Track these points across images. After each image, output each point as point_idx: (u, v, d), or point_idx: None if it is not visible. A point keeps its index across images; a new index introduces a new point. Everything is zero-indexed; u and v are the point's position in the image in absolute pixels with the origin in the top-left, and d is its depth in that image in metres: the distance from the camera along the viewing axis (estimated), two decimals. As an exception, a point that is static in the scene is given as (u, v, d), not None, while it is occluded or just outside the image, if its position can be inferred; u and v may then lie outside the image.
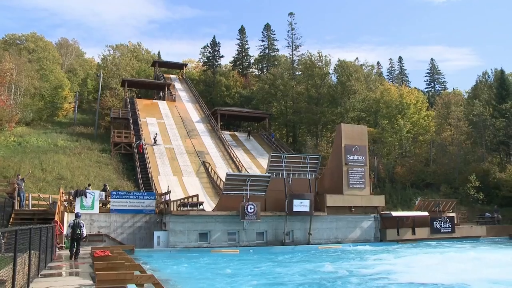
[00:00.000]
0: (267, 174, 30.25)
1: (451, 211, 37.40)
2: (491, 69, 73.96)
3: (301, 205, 29.24)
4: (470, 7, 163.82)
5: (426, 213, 34.97)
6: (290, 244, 29.14)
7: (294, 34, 69.47)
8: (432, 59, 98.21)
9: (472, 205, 45.36)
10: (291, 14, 70.06)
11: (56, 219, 22.59)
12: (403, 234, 33.26)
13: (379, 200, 34.09)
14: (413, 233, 33.64)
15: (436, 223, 34.75)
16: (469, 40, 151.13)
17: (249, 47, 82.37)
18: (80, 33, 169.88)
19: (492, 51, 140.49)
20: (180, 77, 75.56)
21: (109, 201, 28.06)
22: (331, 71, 60.56)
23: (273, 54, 79.62)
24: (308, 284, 15.10)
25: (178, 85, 70.16)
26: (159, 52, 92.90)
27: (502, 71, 63.27)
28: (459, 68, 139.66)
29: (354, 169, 33.08)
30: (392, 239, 32.64)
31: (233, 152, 47.79)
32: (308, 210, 29.40)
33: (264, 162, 43.15)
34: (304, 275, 16.80)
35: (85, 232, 17.48)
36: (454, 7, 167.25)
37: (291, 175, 31.18)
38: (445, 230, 34.97)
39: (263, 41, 79.64)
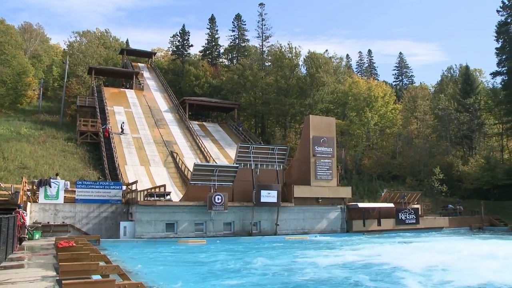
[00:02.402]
0: (235, 165, 30.26)
1: (416, 202, 38.19)
2: (456, 65, 75.65)
3: (269, 196, 29.38)
4: (437, 3, 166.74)
5: (391, 205, 35.63)
6: (258, 235, 29.29)
7: (264, 25, 69.55)
8: (400, 53, 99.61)
9: (436, 197, 46.41)
10: (261, 4, 70.02)
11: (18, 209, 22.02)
12: (369, 225, 33.83)
13: (346, 192, 34.51)
14: (379, 224, 34.26)
15: (401, 215, 35.44)
16: (436, 36, 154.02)
17: (219, 37, 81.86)
18: (44, 19, 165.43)
19: (458, 47, 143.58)
20: (149, 65, 74.57)
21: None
22: (300, 63, 60.77)
23: (243, 44, 79.34)
24: (271, 274, 15.15)
25: (146, 74, 69.25)
26: (127, 40, 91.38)
27: (467, 67, 64.70)
28: (426, 63, 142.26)
29: (322, 160, 33.36)
30: (358, 230, 33.16)
31: (201, 142, 47.57)
32: (276, 201, 29.57)
33: (232, 152, 43.08)
34: (268, 266, 16.83)
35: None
36: (422, 3, 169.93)
37: (259, 165, 31.29)
38: (409, 221, 35.71)
39: (233, 31, 79.33)
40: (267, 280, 14.23)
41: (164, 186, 30.30)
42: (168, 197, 29.09)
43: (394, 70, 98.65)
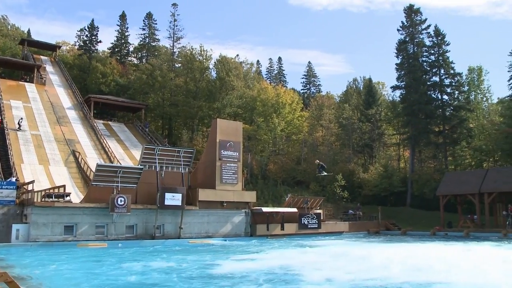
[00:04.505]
0: (139, 166, 29.75)
1: (318, 208, 39.61)
2: (360, 77, 79.45)
3: (173, 198, 29.16)
4: (344, 17, 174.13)
5: (295, 210, 36.65)
6: (161, 238, 28.97)
7: (176, 26, 68.80)
8: (309, 62, 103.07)
9: (338, 203, 48.41)
10: (174, 5, 69.22)
11: None
12: (273, 229, 34.58)
13: (250, 196, 35.04)
14: (282, 228, 35.11)
15: (304, 219, 36.59)
16: (342, 48, 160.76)
17: (129, 35, 79.75)
18: None
19: (362, 60, 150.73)
20: (53, 59, 70.92)
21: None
22: (211, 66, 60.89)
23: (153, 44, 77.93)
24: (170, 279, 14.92)
25: (49, 68, 65.79)
26: (28, 30, 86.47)
27: (370, 80, 68.35)
28: (333, 73, 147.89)
29: (228, 164, 33.66)
30: (262, 234, 33.78)
31: (105, 142, 46.14)
32: (180, 204, 29.41)
33: (137, 153, 42.24)
34: (164, 270, 16.59)
35: None
36: (330, 16, 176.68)
37: (164, 168, 30.96)
38: (312, 226, 36.96)
39: (144, 29, 77.69)
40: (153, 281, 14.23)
41: (64, 186, 29.12)
42: (67, 198, 27.95)
43: (302, 78, 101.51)
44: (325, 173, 33.87)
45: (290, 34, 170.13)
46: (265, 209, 35.28)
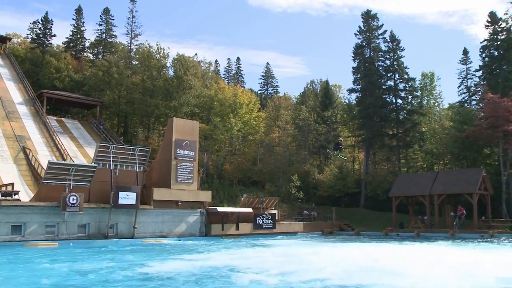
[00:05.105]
0: (93, 164, 29.17)
1: (273, 208, 39.87)
2: (317, 79, 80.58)
3: (127, 197, 28.74)
4: (303, 20, 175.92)
5: (250, 210, 36.77)
6: (114, 238, 28.48)
7: (134, 22, 67.78)
8: (268, 63, 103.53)
9: (293, 203, 48.88)
10: (133, 1, 68.18)
11: None
12: (228, 229, 34.55)
13: (206, 196, 34.92)
14: (237, 228, 35.15)
15: (259, 219, 36.74)
16: (300, 50, 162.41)
17: (85, 30, 77.86)
18: None
19: (319, 63, 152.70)
20: (2, 51, 68.41)
21: None
22: (168, 64, 60.30)
23: (110, 40, 76.42)
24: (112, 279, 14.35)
25: (-1, 61, 63.57)
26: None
27: (327, 82, 69.44)
28: (290, 75, 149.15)
29: (183, 163, 33.45)
30: (217, 233, 33.72)
31: (58, 139, 44.92)
32: (134, 203, 29.01)
33: (91, 151, 41.35)
34: (93, 270, 15.95)
35: None
36: (289, 18, 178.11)
37: (118, 166, 30.47)
38: (267, 226, 37.17)
39: (100, 25, 76.02)
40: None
41: (12, 184, 28.19)
42: (16, 196, 27.10)
43: (260, 79, 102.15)
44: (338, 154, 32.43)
45: (249, 34, 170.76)
46: (220, 209, 35.23)
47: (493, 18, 50.85)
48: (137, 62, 63.11)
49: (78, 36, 77.26)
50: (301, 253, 22.04)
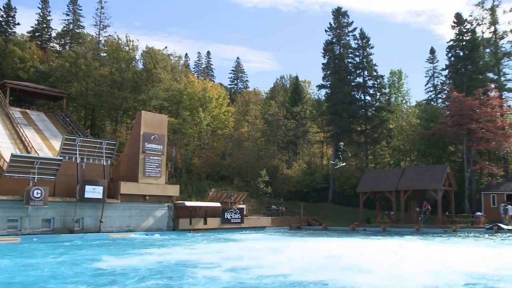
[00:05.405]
0: (58, 157, 28.57)
1: (241, 202, 39.91)
2: (287, 75, 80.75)
3: (94, 191, 28.31)
4: (274, 15, 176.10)
5: (218, 204, 36.71)
6: (80, 232, 28.09)
7: (103, 13, 66.53)
8: (238, 58, 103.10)
9: (261, 198, 48.99)
10: (101, -9, 66.91)
11: None
12: (196, 223, 34.43)
13: (174, 190, 34.70)
14: (205, 223, 35.07)
15: (227, 214, 36.76)
16: (271, 46, 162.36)
17: (51, 19, 75.95)
18: None
19: (290, 59, 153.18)
20: (-38, 40, 66.23)
21: None
22: (138, 57, 59.45)
23: (78, 31, 74.79)
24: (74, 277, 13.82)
25: (-42, 49, 61.32)
26: None
27: (297, 78, 69.74)
28: (260, 70, 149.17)
29: (151, 157, 33.16)
30: (185, 228, 33.58)
31: (22, 132, 43.77)
32: (101, 197, 28.60)
33: (57, 144, 40.45)
34: (40, 266, 15.68)
35: None
36: (260, 13, 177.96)
37: (85, 159, 29.96)
38: (235, 221, 37.23)
39: (68, 15, 74.26)
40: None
41: (-28, 177, 27.40)
42: (-23, 189, 26.35)
43: (230, 73, 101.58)
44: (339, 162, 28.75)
45: (220, 29, 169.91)
46: (188, 203, 35.07)
47: (459, 19, 51.96)
48: (105, 54, 62.01)
49: (44, 25, 75.38)
50: (264, 248, 22.10)
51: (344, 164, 30.94)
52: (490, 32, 51.58)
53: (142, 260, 17.08)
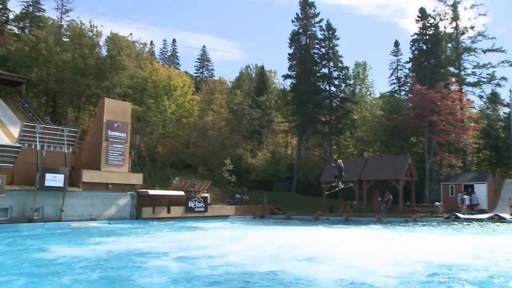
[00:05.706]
0: (16, 145, 27.79)
1: (205, 191, 39.80)
2: (253, 64, 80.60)
3: (55, 179, 27.72)
4: (242, 4, 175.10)
5: (182, 193, 36.55)
6: (40, 221, 27.48)
7: (65, -3, 64.65)
8: (204, 46, 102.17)
9: (225, 187, 48.95)
10: (63, -26, 64.96)
11: None
12: (159, 212, 34.21)
13: (137, 178, 34.34)
14: (169, 211, 34.90)
15: (190, 203, 36.64)
16: (237, 35, 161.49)
17: (9, 0, 73.57)
18: None
19: (256, 48, 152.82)
20: None
21: None
22: (101, 43, 58.19)
23: (38, 14, 72.56)
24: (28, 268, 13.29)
25: None
26: None
27: (262, 67, 69.75)
28: (226, 59, 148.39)
29: (114, 145, 32.68)
30: (148, 217, 33.33)
31: (-21, 117, 42.45)
32: (62, 185, 28.03)
33: (16, 131, 39.31)
34: (6, 255, 15.29)
35: None
36: (227, 1, 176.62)
37: (45, 147, 29.25)
38: (198, 209, 37.16)
39: (27, -3, 71.98)
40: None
41: None
42: None
43: (196, 62, 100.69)
44: (340, 185, 27.05)
45: (186, 16, 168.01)
46: (151, 192, 34.80)
47: (423, 14, 52.90)
48: (67, 40, 60.41)
49: (1, 6, 72.84)
50: (223, 237, 22.16)
51: (349, 185, 30.95)
52: (452, 28, 52.89)
53: (93, 250, 16.68)
